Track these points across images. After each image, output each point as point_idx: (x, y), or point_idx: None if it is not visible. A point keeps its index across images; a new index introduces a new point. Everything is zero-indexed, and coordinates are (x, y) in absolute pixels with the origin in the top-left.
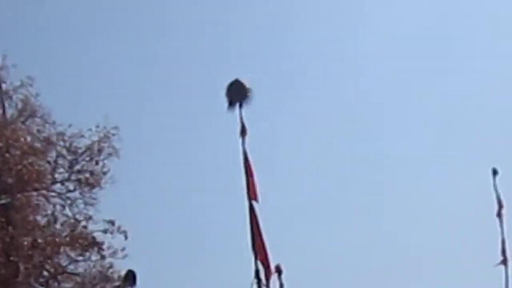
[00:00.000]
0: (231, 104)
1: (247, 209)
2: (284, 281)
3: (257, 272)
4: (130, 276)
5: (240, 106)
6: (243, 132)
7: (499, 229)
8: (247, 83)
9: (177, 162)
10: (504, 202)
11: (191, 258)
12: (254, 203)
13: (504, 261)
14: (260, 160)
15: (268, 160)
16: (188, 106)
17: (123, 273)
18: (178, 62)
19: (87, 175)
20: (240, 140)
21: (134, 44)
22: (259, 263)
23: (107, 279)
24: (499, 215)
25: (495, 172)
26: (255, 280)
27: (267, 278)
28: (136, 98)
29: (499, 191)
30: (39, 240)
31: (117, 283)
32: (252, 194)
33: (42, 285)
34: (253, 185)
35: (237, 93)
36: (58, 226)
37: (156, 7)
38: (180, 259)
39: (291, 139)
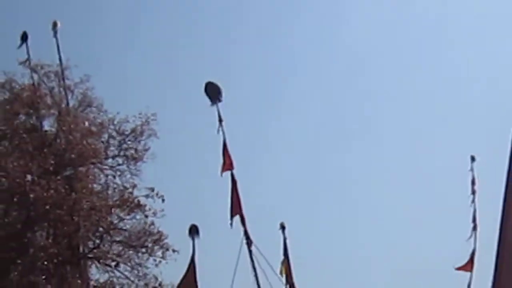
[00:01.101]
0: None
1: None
2: (287, 235)
3: (245, 232)
4: (194, 229)
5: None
6: (220, 120)
7: (471, 203)
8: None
9: (197, 140)
10: (477, 181)
11: (211, 220)
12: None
13: (475, 227)
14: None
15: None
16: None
17: (161, 228)
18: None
19: (132, 151)
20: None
21: (156, 48)
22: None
23: (148, 233)
24: (473, 192)
25: (473, 159)
26: (244, 237)
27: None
28: (167, 92)
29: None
30: (96, 203)
31: (156, 237)
32: (228, 166)
33: (98, 238)
34: (229, 157)
35: (212, 93)
36: (110, 192)
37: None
38: (205, 220)
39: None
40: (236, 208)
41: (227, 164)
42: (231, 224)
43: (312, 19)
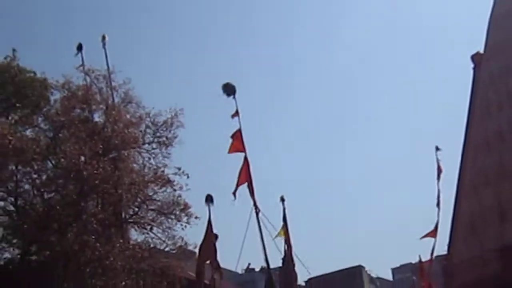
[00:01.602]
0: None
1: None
2: (286, 206)
3: (254, 202)
4: (209, 198)
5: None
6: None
7: (436, 185)
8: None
9: (214, 129)
10: (442, 167)
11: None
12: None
13: (438, 204)
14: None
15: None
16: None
17: (186, 200)
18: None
19: (164, 139)
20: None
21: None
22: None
23: (176, 203)
24: (438, 177)
25: (437, 148)
26: (254, 206)
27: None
28: (192, 90)
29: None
30: (135, 179)
31: (182, 207)
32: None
33: (136, 207)
34: (242, 141)
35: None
36: (146, 170)
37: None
38: (222, 193)
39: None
40: (243, 179)
41: (239, 147)
42: (234, 193)
43: (311, 20)
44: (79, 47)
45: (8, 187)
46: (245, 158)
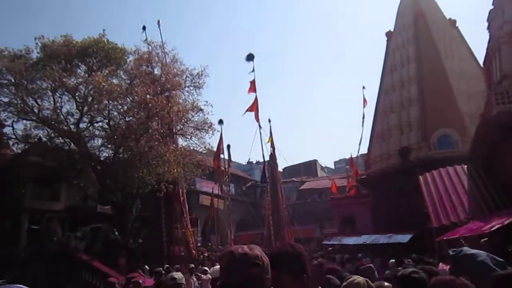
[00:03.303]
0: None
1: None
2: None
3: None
4: (221, 121)
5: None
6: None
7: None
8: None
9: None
10: (367, 100)
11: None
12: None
13: (362, 123)
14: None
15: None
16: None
17: (211, 121)
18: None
19: (197, 84)
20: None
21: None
22: None
23: (205, 123)
24: (364, 106)
25: (363, 87)
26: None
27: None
28: (220, 53)
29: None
30: (180, 108)
31: (209, 125)
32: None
33: (182, 124)
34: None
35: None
36: (187, 103)
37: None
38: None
39: None
40: (254, 109)
41: (253, 89)
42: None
43: None
44: (144, 28)
45: (104, 113)
46: (256, 98)
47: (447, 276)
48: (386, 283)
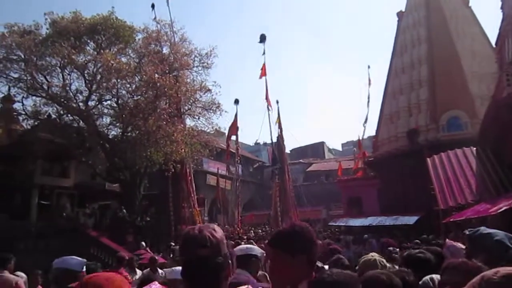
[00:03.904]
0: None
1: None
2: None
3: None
4: (237, 100)
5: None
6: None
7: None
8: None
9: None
10: (371, 80)
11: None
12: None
13: (368, 103)
14: None
15: None
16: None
17: (220, 101)
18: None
19: (205, 64)
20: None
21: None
22: None
23: (213, 103)
24: (369, 85)
25: (368, 67)
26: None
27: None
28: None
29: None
30: (188, 88)
31: (217, 105)
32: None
33: (190, 105)
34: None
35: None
36: (194, 83)
37: None
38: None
39: None
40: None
41: (264, 74)
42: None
43: None
44: (152, 6)
45: (112, 92)
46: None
47: (459, 260)
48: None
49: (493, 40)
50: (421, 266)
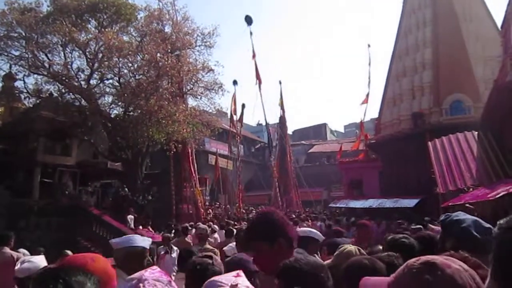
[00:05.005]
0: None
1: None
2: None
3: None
4: (235, 81)
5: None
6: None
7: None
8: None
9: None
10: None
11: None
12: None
13: (369, 83)
14: None
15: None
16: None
17: (222, 81)
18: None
19: (208, 43)
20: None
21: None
22: None
23: (215, 83)
24: (369, 65)
25: (369, 46)
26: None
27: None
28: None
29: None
30: (190, 67)
31: (219, 85)
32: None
33: (192, 84)
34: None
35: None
36: (197, 62)
37: None
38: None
39: None
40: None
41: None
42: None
43: None
44: None
45: (114, 71)
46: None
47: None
48: (379, 246)
49: (499, 23)
50: (405, 251)
